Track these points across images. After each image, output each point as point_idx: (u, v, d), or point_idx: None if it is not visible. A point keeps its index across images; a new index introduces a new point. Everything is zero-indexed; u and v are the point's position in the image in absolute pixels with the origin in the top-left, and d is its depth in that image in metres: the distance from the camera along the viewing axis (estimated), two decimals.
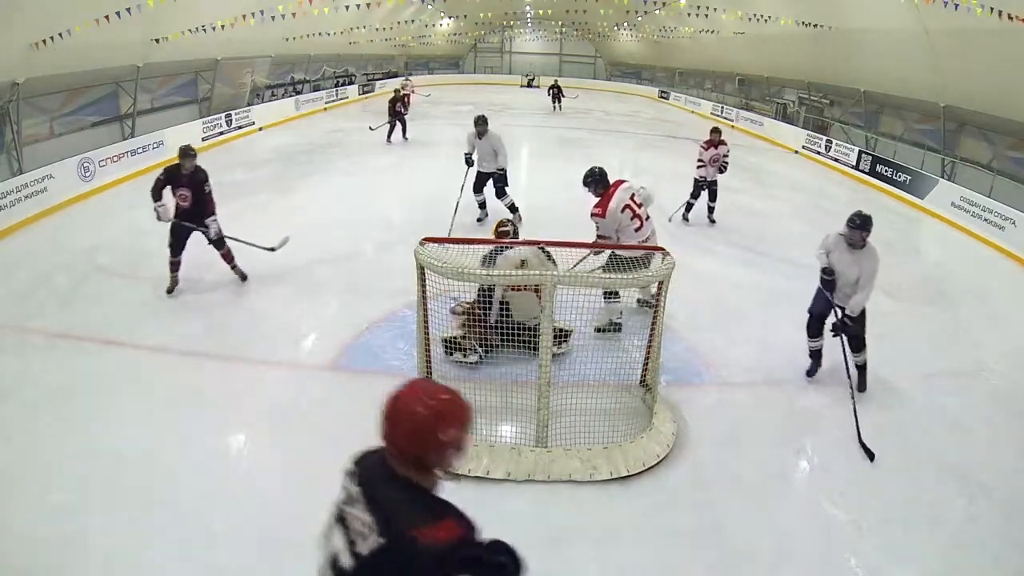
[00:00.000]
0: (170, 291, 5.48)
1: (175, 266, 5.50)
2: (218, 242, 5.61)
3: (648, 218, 4.83)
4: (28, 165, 8.34)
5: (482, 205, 7.86)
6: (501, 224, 5.10)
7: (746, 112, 18.64)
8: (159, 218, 5.34)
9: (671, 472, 3.53)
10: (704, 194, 8.09)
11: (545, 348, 3.42)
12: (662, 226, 7.87)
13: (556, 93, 20.70)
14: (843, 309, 4.26)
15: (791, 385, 4.50)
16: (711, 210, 8.23)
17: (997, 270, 7.61)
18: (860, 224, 4.06)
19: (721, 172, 7.97)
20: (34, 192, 7.64)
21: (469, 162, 7.68)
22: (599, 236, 4.73)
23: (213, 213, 5.56)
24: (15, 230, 7.16)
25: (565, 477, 3.41)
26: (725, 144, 7.91)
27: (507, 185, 7.64)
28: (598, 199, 4.71)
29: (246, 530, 3.01)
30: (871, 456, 3.67)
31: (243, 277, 5.82)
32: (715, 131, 7.92)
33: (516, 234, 4.83)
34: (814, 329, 4.56)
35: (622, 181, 4.83)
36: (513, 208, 7.63)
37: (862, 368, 4.42)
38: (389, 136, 13.34)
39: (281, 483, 3.32)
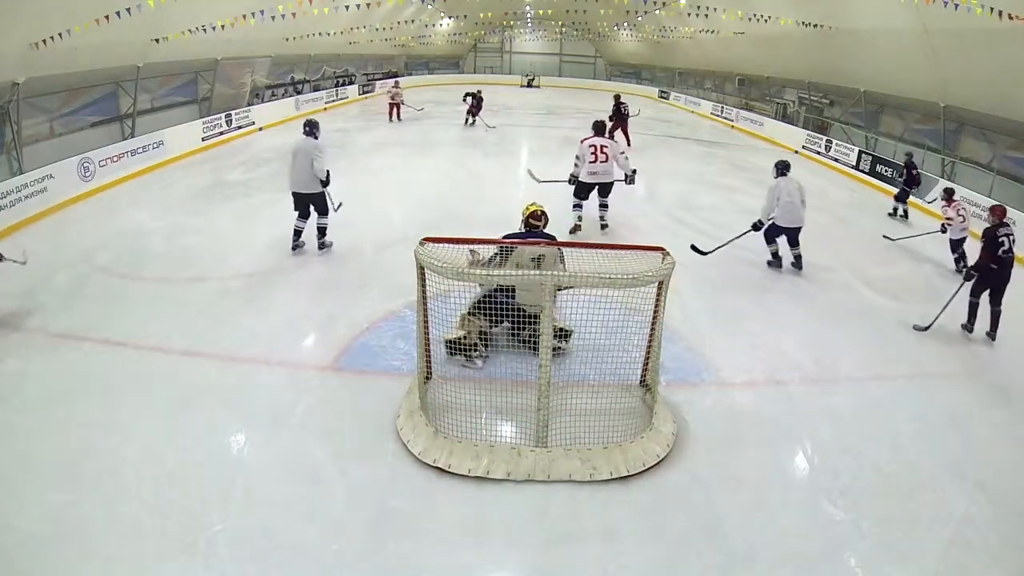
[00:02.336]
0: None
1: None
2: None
3: (606, 160, 7.14)
4: (28, 165, 8.35)
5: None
6: (536, 206, 4.85)
7: (746, 112, 18.63)
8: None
9: (671, 472, 3.53)
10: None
11: (545, 348, 3.42)
12: (663, 225, 7.88)
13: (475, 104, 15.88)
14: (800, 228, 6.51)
15: (791, 385, 4.50)
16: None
17: None
18: (788, 165, 6.74)
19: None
20: (34, 192, 7.64)
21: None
22: (576, 156, 7.27)
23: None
24: (15, 230, 7.17)
25: (565, 477, 3.41)
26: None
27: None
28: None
29: (246, 530, 3.02)
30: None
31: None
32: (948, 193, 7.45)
33: (547, 221, 4.83)
34: (772, 239, 6.69)
35: (600, 136, 7.25)
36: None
37: (799, 257, 6.67)
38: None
39: (281, 483, 3.33)
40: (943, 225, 7.38)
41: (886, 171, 11.56)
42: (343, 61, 21.69)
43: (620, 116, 13.50)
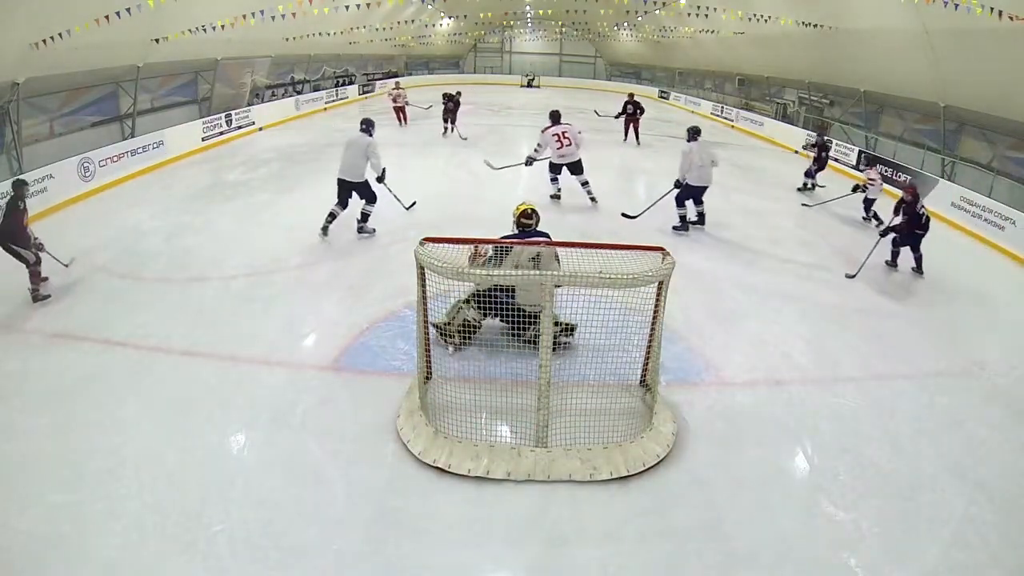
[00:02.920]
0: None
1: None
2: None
3: (570, 144, 8.26)
4: (28, 165, 8.35)
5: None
6: (526, 205, 4.88)
7: (746, 112, 18.63)
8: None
9: (671, 472, 3.53)
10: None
11: (545, 348, 3.42)
12: (663, 225, 7.88)
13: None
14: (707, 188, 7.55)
15: (791, 385, 4.50)
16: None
17: (997, 270, 7.61)
18: (699, 131, 7.70)
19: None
20: (34, 192, 7.60)
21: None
22: (537, 144, 8.45)
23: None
24: None
25: (565, 477, 3.41)
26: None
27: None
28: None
29: (246, 530, 3.02)
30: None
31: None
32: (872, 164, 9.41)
33: (538, 219, 4.81)
34: (682, 202, 7.69)
35: (559, 124, 8.43)
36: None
37: (702, 215, 7.81)
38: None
39: (281, 483, 3.33)
40: (862, 186, 8.69)
41: (886, 171, 11.56)
42: (343, 61, 21.69)
43: (630, 114, 13.96)
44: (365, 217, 7.17)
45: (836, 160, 13.24)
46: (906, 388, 4.57)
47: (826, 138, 10.89)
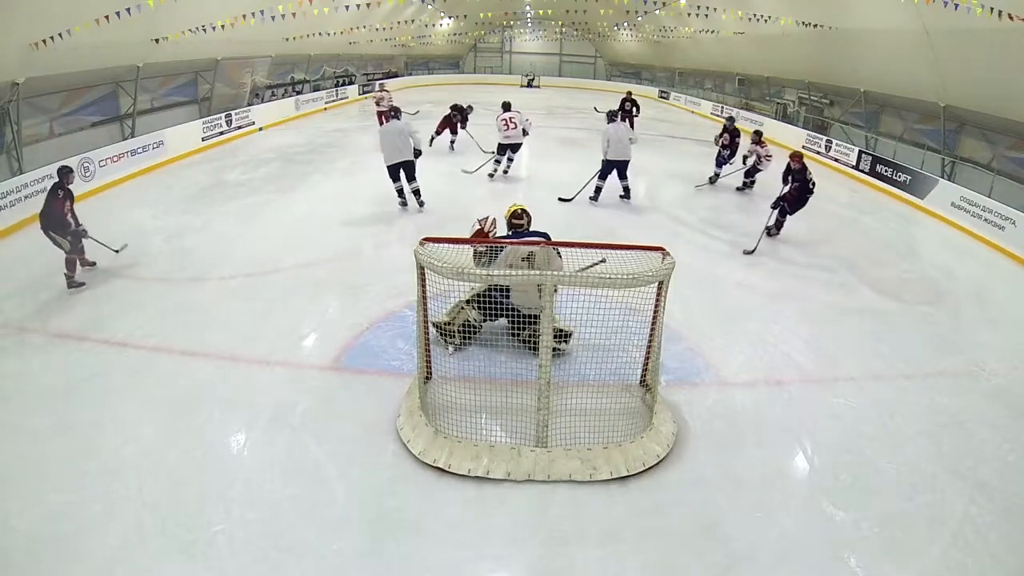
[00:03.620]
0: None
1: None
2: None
3: (516, 127, 9.62)
4: (28, 165, 8.34)
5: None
6: (516, 206, 4.85)
7: (746, 112, 18.62)
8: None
9: (671, 472, 3.53)
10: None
11: (545, 348, 3.42)
12: (662, 225, 7.86)
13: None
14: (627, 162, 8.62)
15: (791, 385, 4.50)
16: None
17: (997, 270, 7.61)
18: (616, 114, 9.10)
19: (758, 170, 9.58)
20: (34, 192, 7.63)
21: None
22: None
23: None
24: (15, 230, 7.17)
25: (565, 477, 3.41)
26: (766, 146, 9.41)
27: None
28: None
29: (246, 530, 3.02)
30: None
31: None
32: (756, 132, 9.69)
33: (529, 219, 4.79)
34: (604, 175, 8.69)
35: (507, 111, 9.75)
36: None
37: (627, 188, 8.80)
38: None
39: (281, 483, 3.33)
40: (756, 159, 9.46)
41: (886, 171, 11.57)
42: (343, 61, 21.69)
43: (626, 113, 13.69)
44: (418, 192, 8.14)
45: (836, 160, 13.26)
46: (906, 388, 4.57)
47: (735, 122, 11.04)
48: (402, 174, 7.98)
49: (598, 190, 8.81)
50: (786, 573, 2.93)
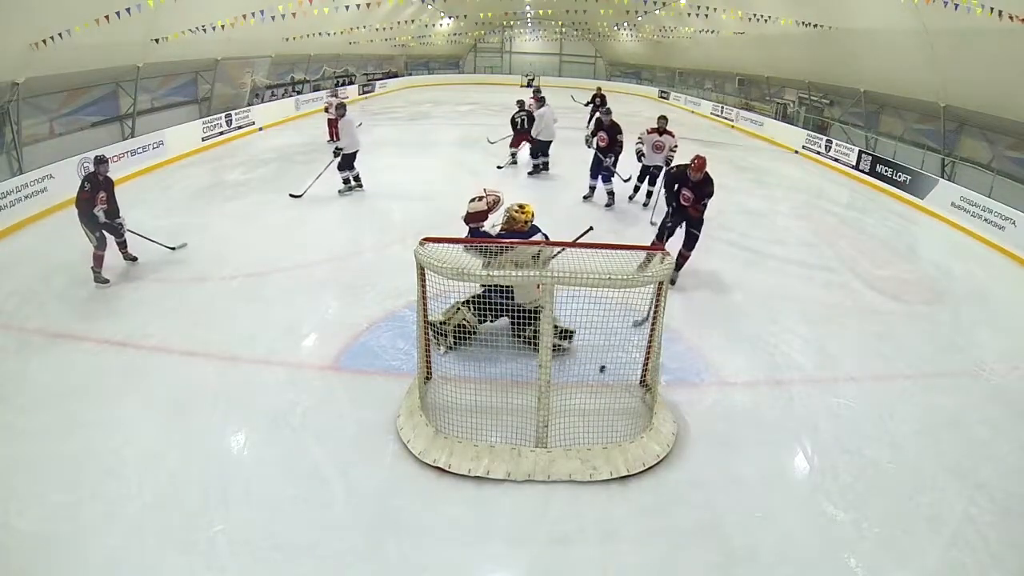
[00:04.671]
0: None
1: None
2: None
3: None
4: (28, 165, 8.34)
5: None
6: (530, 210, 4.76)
7: (746, 112, 18.62)
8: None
9: (671, 472, 3.53)
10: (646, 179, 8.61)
11: (545, 348, 3.42)
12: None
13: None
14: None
15: (791, 385, 4.50)
16: (648, 195, 8.66)
17: (997, 270, 7.61)
18: (544, 99, 9.98)
19: (667, 163, 7.76)
20: (34, 192, 7.64)
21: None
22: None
23: None
24: (15, 230, 7.17)
25: (565, 477, 3.41)
26: (671, 135, 8.15)
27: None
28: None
29: (246, 530, 3.02)
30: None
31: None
32: (662, 119, 8.32)
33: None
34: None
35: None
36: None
37: (546, 163, 9.96)
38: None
39: (281, 483, 3.33)
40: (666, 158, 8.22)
41: (886, 171, 11.57)
42: (343, 61, 21.67)
43: (597, 106, 14.12)
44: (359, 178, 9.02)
45: (836, 160, 13.26)
46: (906, 388, 4.57)
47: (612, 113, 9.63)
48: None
49: (536, 167, 9.93)
50: (786, 573, 2.94)
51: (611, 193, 8.63)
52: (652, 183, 8.49)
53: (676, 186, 6.03)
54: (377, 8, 16.15)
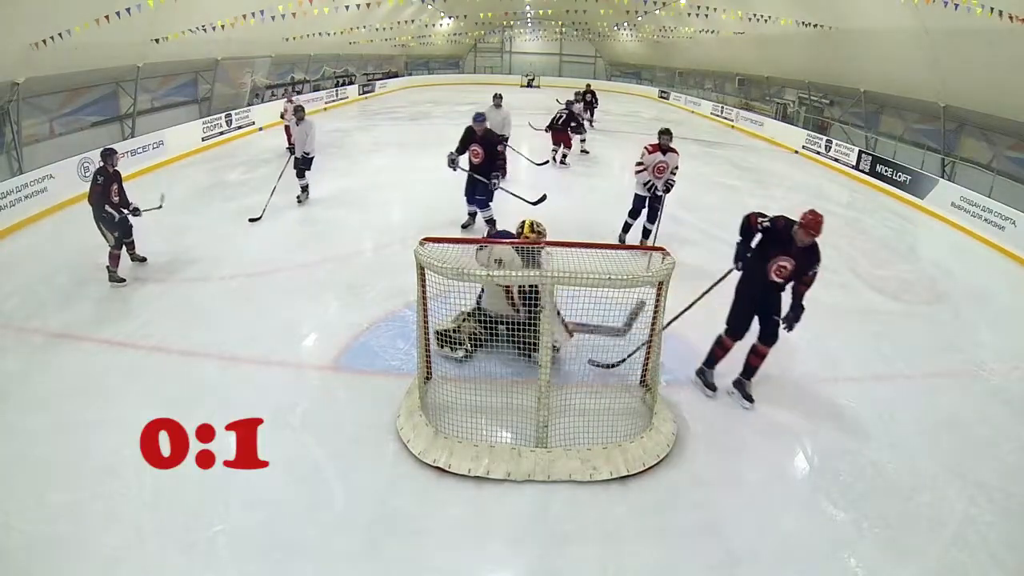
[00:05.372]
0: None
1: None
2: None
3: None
4: (28, 165, 8.34)
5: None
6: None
7: (746, 112, 18.63)
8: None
9: (671, 472, 3.53)
10: (644, 211, 6.60)
11: (544, 348, 3.42)
12: (662, 226, 7.85)
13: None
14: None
15: (791, 385, 4.50)
16: (646, 233, 6.67)
17: (997, 270, 7.61)
18: (500, 96, 9.20)
19: (667, 190, 6.44)
20: (34, 192, 7.64)
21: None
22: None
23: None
24: (15, 230, 7.17)
25: (565, 477, 3.41)
26: (675, 152, 6.43)
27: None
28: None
29: (246, 530, 3.02)
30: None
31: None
32: (664, 133, 6.40)
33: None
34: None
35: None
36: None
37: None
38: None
39: (281, 483, 3.32)
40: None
41: (886, 171, 11.57)
42: (343, 61, 21.68)
43: (587, 104, 14.78)
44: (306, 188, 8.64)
45: (836, 160, 13.27)
46: (906, 388, 4.57)
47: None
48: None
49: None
50: (786, 573, 2.93)
51: (490, 221, 7.02)
52: (652, 219, 6.59)
53: (768, 251, 3.97)
54: (377, 8, 16.15)
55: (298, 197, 8.54)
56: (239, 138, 13.35)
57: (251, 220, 7.62)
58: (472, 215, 7.41)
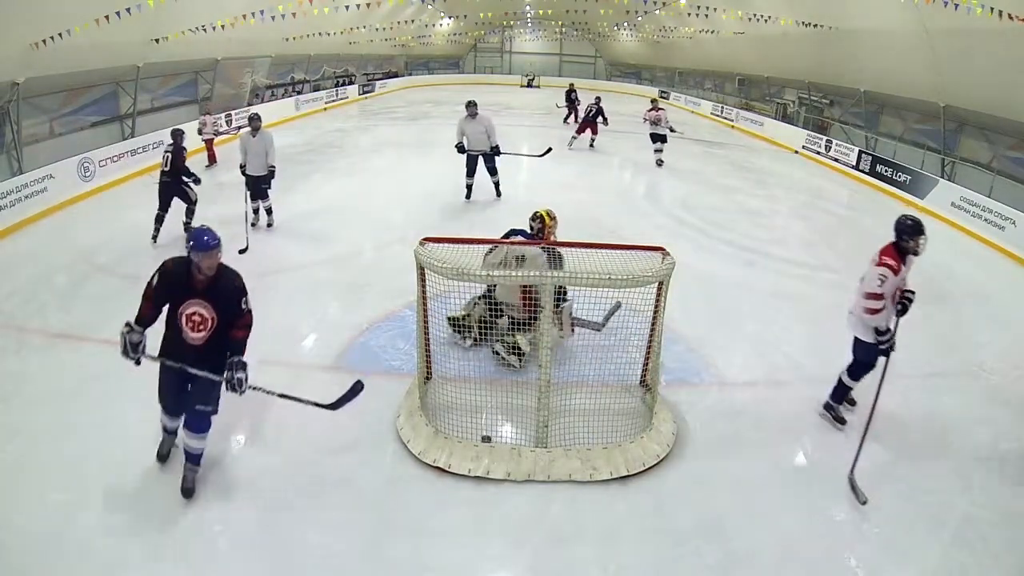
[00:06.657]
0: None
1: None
2: None
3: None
4: (28, 165, 8.34)
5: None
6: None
7: (746, 112, 18.63)
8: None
9: (671, 472, 3.53)
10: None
11: (545, 348, 3.42)
12: (663, 225, 7.84)
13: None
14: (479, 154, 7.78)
15: (791, 385, 4.50)
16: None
17: (997, 270, 7.61)
18: (475, 104, 8.34)
19: (671, 129, 11.81)
20: (34, 192, 7.64)
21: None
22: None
23: None
24: (15, 230, 7.16)
25: (565, 477, 3.41)
26: (663, 109, 11.79)
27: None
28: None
29: (246, 529, 3.02)
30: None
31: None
32: (653, 100, 12.08)
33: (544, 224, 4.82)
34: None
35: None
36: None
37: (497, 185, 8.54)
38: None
39: (281, 483, 3.33)
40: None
41: (886, 171, 11.57)
42: (343, 61, 21.68)
43: (571, 103, 16.24)
44: (497, 186, 8.65)
45: (836, 160, 13.27)
46: (906, 388, 4.56)
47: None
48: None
49: (469, 188, 8.69)
50: (786, 573, 2.93)
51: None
52: (664, 140, 11.70)
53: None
54: (377, 8, 16.15)
55: (268, 223, 7.43)
56: (239, 138, 13.33)
57: (240, 251, 6.50)
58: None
